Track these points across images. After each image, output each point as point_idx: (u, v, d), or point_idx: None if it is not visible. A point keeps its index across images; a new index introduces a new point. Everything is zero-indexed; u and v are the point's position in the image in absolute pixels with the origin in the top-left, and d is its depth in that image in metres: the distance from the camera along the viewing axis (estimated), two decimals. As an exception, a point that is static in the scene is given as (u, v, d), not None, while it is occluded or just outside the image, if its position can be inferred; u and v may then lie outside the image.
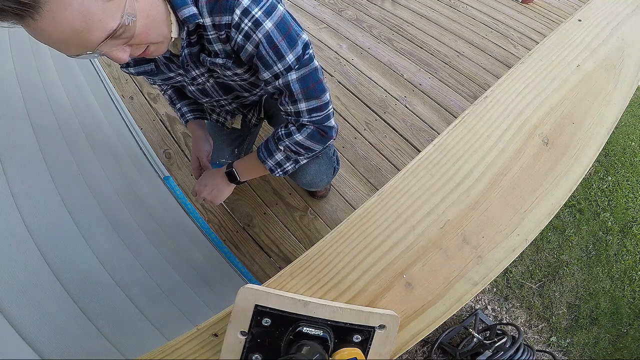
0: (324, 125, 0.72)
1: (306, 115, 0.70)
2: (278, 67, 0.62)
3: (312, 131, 0.71)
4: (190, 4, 0.55)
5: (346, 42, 1.94)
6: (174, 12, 0.55)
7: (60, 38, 0.40)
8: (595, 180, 2.06)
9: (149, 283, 0.90)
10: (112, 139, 1.30)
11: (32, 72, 1.03)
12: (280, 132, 0.74)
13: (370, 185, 1.41)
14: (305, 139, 0.72)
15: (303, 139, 0.72)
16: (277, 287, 0.44)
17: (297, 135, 0.71)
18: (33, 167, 0.79)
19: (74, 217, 0.80)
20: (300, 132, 0.71)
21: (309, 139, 0.72)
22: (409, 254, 0.45)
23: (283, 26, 0.59)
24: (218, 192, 0.88)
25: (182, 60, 0.65)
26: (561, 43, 0.64)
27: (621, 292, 1.71)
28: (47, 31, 0.39)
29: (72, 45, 0.42)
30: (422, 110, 1.64)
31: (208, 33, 0.59)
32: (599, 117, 0.56)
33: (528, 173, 0.50)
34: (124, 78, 1.72)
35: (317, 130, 0.72)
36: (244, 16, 0.56)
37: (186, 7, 0.55)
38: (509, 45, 1.96)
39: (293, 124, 0.72)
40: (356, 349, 0.41)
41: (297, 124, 0.71)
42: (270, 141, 0.77)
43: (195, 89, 0.79)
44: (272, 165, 0.78)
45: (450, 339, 1.38)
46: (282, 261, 1.27)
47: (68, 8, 0.38)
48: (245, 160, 0.85)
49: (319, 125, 0.71)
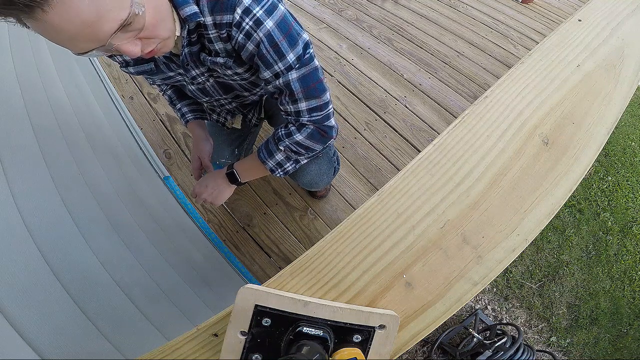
0: (324, 124, 0.72)
1: (306, 114, 0.70)
2: (279, 66, 0.62)
3: (312, 131, 0.71)
4: (191, 3, 0.55)
5: (346, 42, 1.94)
6: (175, 11, 0.55)
7: (71, 31, 0.39)
8: (595, 180, 2.06)
9: (149, 283, 0.90)
10: (112, 139, 1.30)
11: (32, 72, 1.03)
12: (280, 133, 0.74)
13: (370, 185, 1.41)
14: (305, 138, 0.72)
15: (303, 139, 0.72)
16: (277, 287, 0.44)
17: (297, 135, 0.71)
18: (33, 167, 0.78)
19: (74, 217, 0.80)
20: (300, 132, 0.71)
21: (309, 138, 0.72)
22: (409, 254, 0.45)
23: (284, 25, 0.60)
24: (219, 193, 0.88)
25: (182, 59, 0.65)
26: (561, 43, 0.64)
27: (621, 292, 1.71)
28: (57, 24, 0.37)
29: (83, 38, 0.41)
30: (422, 110, 1.64)
31: (209, 32, 0.59)
32: (599, 117, 0.56)
33: (528, 173, 0.50)
34: (124, 78, 1.72)
35: (317, 129, 0.72)
36: (245, 15, 0.56)
37: (187, 5, 0.55)
38: (509, 45, 1.96)
39: (293, 124, 0.72)
40: (356, 349, 0.41)
41: (297, 123, 0.71)
42: (271, 142, 0.77)
43: (195, 88, 0.79)
44: (273, 166, 0.78)
45: (450, 339, 1.38)
46: (282, 261, 1.27)
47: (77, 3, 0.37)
48: (246, 161, 0.85)
49: (319, 124, 0.71)
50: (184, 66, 0.68)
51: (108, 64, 1.76)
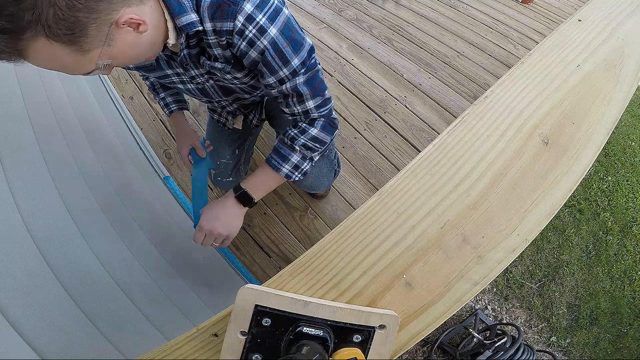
0: (331, 117, 0.75)
1: (315, 111, 0.71)
2: (283, 72, 0.63)
3: (324, 123, 0.73)
4: (189, 12, 0.55)
5: (346, 42, 1.94)
6: (172, 19, 0.55)
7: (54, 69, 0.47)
8: (595, 180, 2.06)
9: (149, 283, 0.90)
10: (112, 139, 1.30)
11: (32, 73, 1.03)
12: (293, 133, 0.73)
13: (370, 185, 1.41)
14: (319, 131, 0.73)
15: (318, 132, 0.73)
16: (277, 287, 0.44)
17: (312, 130, 0.72)
18: (33, 167, 0.78)
19: (74, 217, 0.80)
20: (314, 126, 0.72)
21: (323, 130, 0.74)
22: (409, 254, 0.45)
23: (287, 31, 0.60)
24: (232, 222, 0.76)
25: (181, 59, 0.65)
26: (561, 43, 0.64)
27: (621, 292, 1.71)
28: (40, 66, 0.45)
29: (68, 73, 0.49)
30: (422, 110, 1.64)
31: (208, 38, 0.59)
32: (599, 117, 0.56)
33: (528, 173, 0.50)
34: (123, 78, 1.72)
35: (328, 122, 0.74)
36: (248, 23, 0.56)
37: (185, 14, 0.54)
38: (509, 45, 1.96)
39: (303, 121, 0.73)
40: (356, 349, 0.41)
41: (307, 119, 0.73)
42: (282, 146, 0.75)
43: (194, 88, 0.79)
44: (289, 170, 0.75)
45: (450, 339, 1.38)
46: (282, 261, 1.27)
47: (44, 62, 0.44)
48: (254, 176, 0.77)
49: (327, 117, 0.74)
50: (183, 65, 0.68)
51: (108, 64, 1.76)
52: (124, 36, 0.49)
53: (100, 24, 0.44)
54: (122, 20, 0.47)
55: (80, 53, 0.45)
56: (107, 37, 0.46)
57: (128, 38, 0.49)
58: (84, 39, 0.44)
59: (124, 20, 0.47)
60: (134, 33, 0.50)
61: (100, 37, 0.46)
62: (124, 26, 0.47)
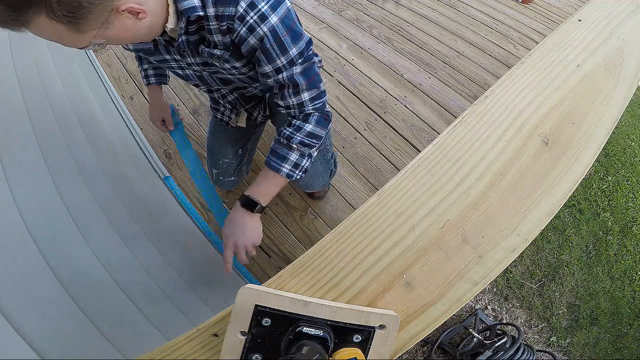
0: (325, 110, 0.75)
1: (309, 103, 0.72)
2: (281, 61, 0.63)
3: (319, 117, 0.74)
4: None
5: (346, 42, 1.94)
6: (174, 3, 0.56)
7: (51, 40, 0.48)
8: (595, 180, 2.06)
9: (149, 283, 0.90)
10: (112, 139, 1.30)
11: (32, 73, 1.03)
12: (288, 131, 0.73)
13: (370, 185, 1.41)
14: (315, 126, 0.73)
15: (313, 127, 0.73)
16: (277, 287, 0.44)
17: (307, 126, 0.73)
18: (33, 167, 0.78)
19: (74, 217, 0.80)
20: (309, 122, 0.73)
21: (318, 125, 0.74)
22: (409, 254, 0.45)
23: (288, 21, 0.60)
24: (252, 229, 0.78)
25: (178, 44, 0.65)
26: (561, 43, 0.64)
27: (621, 292, 1.71)
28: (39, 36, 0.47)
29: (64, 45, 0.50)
30: (422, 110, 1.64)
31: (210, 23, 0.59)
32: (599, 117, 0.56)
33: (528, 173, 0.50)
34: (123, 78, 1.72)
35: (322, 115, 0.74)
36: (250, 9, 0.57)
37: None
38: (509, 45, 1.96)
39: (297, 118, 0.73)
40: (356, 349, 0.41)
41: (301, 115, 0.73)
42: (279, 147, 0.75)
43: (192, 73, 0.78)
44: (289, 170, 0.75)
45: (450, 339, 1.38)
46: (282, 261, 1.27)
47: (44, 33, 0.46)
48: (256, 182, 0.78)
49: (321, 111, 0.74)
50: (180, 52, 0.68)
51: (108, 63, 1.76)
52: (123, 21, 0.50)
53: (101, 9, 0.46)
54: (123, 7, 0.48)
55: (77, 32, 0.46)
56: (105, 21, 0.48)
57: (126, 23, 0.51)
58: (83, 21, 0.45)
59: (125, 7, 0.48)
60: (132, 19, 0.51)
61: (99, 20, 0.47)
62: (123, 12, 0.49)
